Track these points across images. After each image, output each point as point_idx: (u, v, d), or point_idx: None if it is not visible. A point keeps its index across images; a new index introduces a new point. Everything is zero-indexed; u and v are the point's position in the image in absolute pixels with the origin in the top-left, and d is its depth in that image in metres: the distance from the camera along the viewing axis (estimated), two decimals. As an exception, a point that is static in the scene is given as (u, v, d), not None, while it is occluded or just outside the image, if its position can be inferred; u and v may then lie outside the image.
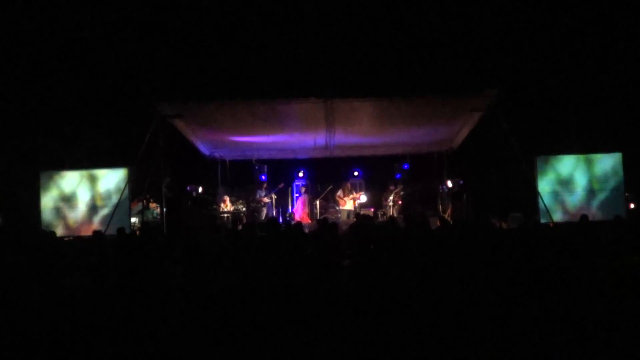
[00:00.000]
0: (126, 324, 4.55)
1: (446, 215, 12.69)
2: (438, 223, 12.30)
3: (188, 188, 12.71)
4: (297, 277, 5.58)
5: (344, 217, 12.98)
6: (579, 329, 4.45)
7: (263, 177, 13.98)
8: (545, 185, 11.17)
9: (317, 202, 13.72)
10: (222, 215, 12.72)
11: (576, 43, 13.10)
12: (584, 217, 7.60)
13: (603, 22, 12.77)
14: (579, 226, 7.28)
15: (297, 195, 13.83)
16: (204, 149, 13.34)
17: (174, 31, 12.83)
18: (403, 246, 5.92)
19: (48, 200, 10.93)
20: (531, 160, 11.06)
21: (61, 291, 4.93)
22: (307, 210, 13.83)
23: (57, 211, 10.94)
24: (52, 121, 12.74)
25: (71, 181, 11.06)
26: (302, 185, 14.29)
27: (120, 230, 7.18)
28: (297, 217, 13.35)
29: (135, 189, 11.19)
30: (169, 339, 4.42)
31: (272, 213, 13.29)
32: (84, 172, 11.16)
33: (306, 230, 8.40)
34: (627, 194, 11.66)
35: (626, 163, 11.34)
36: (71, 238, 10.48)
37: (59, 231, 10.26)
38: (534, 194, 10.61)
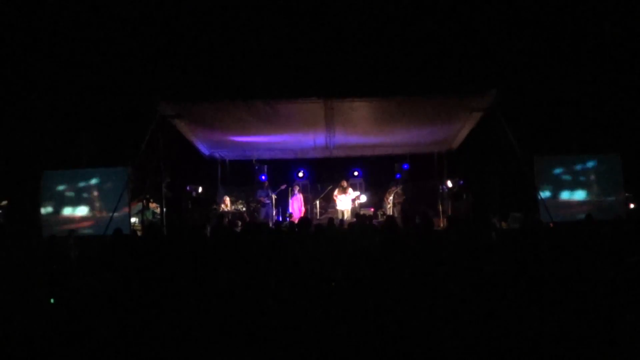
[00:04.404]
0: (128, 324, 4.55)
1: (445, 215, 12.70)
2: (440, 223, 12.36)
3: (188, 188, 12.71)
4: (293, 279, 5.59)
5: (339, 216, 12.95)
6: (579, 329, 4.45)
7: (263, 177, 13.97)
8: (545, 185, 11.17)
9: (317, 202, 13.72)
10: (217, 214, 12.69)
11: (576, 43, 13.11)
12: (588, 217, 7.60)
13: (603, 22, 12.78)
14: (584, 225, 7.28)
15: (292, 196, 13.78)
16: (204, 149, 13.34)
17: (175, 31, 12.83)
18: (403, 246, 5.92)
19: (48, 200, 10.93)
20: (531, 160, 11.07)
21: (65, 292, 4.92)
22: (302, 210, 13.79)
23: (58, 211, 10.94)
24: (52, 121, 12.73)
25: (71, 181, 11.05)
26: (296, 184, 14.22)
27: (117, 231, 7.14)
28: (295, 218, 13.34)
29: (135, 189, 11.19)
30: (171, 339, 4.42)
31: (273, 213, 13.27)
32: (84, 172, 11.15)
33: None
34: (627, 194, 11.66)
35: (626, 163, 11.34)
36: (71, 239, 10.47)
37: (59, 231, 10.25)
38: (534, 193, 10.62)
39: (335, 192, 13.19)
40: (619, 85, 13.26)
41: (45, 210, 10.89)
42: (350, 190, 13.16)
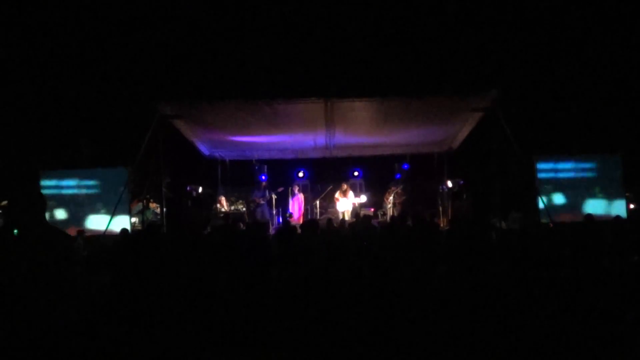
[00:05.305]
0: (131, 323, 4.55)
1: (446, 216, 12.69)
2: (441, 223, 12.36)
3: (188, 188, 12.68)
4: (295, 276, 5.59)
5: (339, 217, 12.90)
6: (579, 328, 4.45)
7: (263, 177, 13.93)
8: (544, 185, 11.18)
9: (317, 202, 13.70)
10: (220, 215, 12.67)
11: (576, 44, 13.12)
12: (588, 217, 7.57)
13: (603, 22, 12.79)
14: (584, 226, 7.26)
15: (292, 196, 13.75)
16: (204, 149, 13.32)
17: (174, 31, 12.84)
18: (409, 246, 5.91)
19: (48, 200, 10.92)
20: (531, 160, 11.07)
21: (72, 291, 4.90)
22: (302, 210, 13.76)
23: (57, 211, 10.94)
24: (52, 121, 12.74)
25: (71, 181, 11.06)
26: (296, 184, 14.19)
27: (124, 230, 7.21)
28: (295, 218, 13.31)
29: (135, 189, 11.19)
30: (173, 338, 4.42)
31: (272, 213, 13.25)
32: (84, 172, 11.15)
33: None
34: (627, 194, 11.66)
35: (626, 163, 11.34)
36: (80, 238, 10.47)
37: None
38: (534, 194, 10.62)
39: (337, 195, 13.17)
40: (619, 85, 13.27)
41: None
42: (350, 192, 13.15)
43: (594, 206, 11.13)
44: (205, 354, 4.33)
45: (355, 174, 14.93)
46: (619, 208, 10.97)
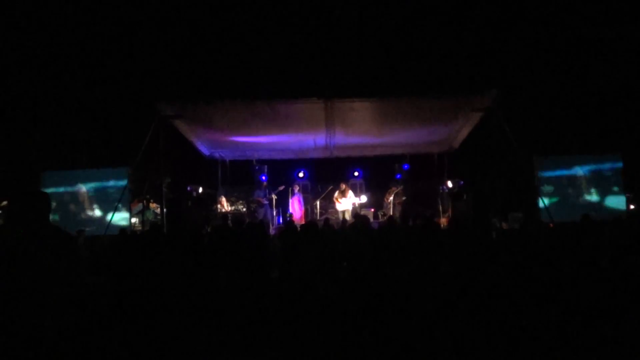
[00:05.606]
0: (131, 323, 4.56)
1: (446, 216, 12.69)
2: (441, 224, 12.34)
3: (188, 188, 12.69)
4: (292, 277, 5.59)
5: (340, 217, 12.90)
6: (579, 328, 4.45)
7: (263, 178, 13.92)
8: (544, 185, 11.19)
9: (317, 203, 13.69)
10: (220, 215, 12.66)
11: (576, 44, 13.12)
12: (585, 217, 7.57)
13: (602, 22, 12.79)
14: (581, 226, 7.26)
15: (292, 195, 13.74)
16: (204, 149, 13.32)
17: (174, 31, 12.84)
18: (408, 246, 5.91)
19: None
20: (531, 160, 11.07)
21: (76, 290, 4.91)
22: (302, 210, 13.74)
23: (58, 211, 10.95)
24: (52, 121, 12.75)
25: (72, 181, 11.07)
26: (296, 184, 14.17)
27: (123, 231, 7.22)
28: (295, 218, 13.30)
29: (136, 189, 11.20)
30: (173, 338, 4.42)
31: (272, 213, 13.25)
32: (85, 172, 11.16)
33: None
34: (627, 195, 11.67)
35: (626, 163, 11.35)
36: (81, 238, 10.47)
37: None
38: (534, 194, 10.62)
39: (336, 195, 13.17)
40: (619, 85, 13.27)
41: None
42: (350, 192, 13.14)
43: (594, 206, 11.14)
44: (204, 353, 4.34)
45: (356, 174, 14.94)
46: (618, 208, 10.97)
